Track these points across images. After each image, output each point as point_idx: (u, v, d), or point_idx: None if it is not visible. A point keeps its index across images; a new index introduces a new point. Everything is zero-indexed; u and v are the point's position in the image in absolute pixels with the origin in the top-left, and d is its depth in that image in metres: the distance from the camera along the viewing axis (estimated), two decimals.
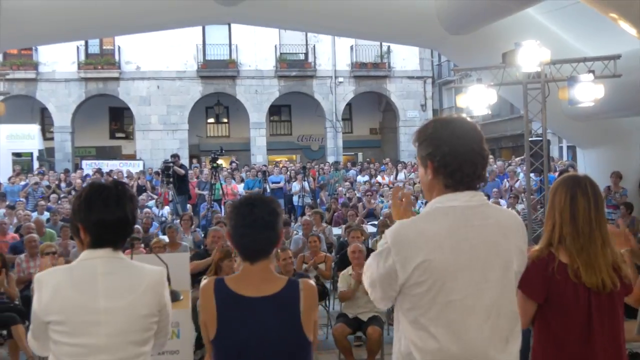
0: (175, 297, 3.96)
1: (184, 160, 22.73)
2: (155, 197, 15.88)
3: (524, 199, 12.16)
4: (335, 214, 13.58)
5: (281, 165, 20.52)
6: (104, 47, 26.94)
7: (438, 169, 2.25)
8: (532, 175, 11.23)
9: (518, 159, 18.44)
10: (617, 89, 9.67)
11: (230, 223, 2.56)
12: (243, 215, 2.52)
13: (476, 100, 9.91)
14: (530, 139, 10.46)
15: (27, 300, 7.42)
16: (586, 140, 12.37)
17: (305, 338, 2.47)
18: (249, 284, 2.51)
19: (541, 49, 8.97)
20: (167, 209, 14.66)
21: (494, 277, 2.21)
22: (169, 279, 4.08)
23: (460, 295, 2.17)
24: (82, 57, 26.29)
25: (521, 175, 15.06)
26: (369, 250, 6.93)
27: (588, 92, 9.23)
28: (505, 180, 15.67)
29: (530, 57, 8.95)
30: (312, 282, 2.63)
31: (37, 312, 2.36)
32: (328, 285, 8.64)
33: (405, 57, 28.13)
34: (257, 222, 2.49)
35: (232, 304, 2.47)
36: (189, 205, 15.44)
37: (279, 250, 6.73)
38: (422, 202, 14.76)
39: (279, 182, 17.98)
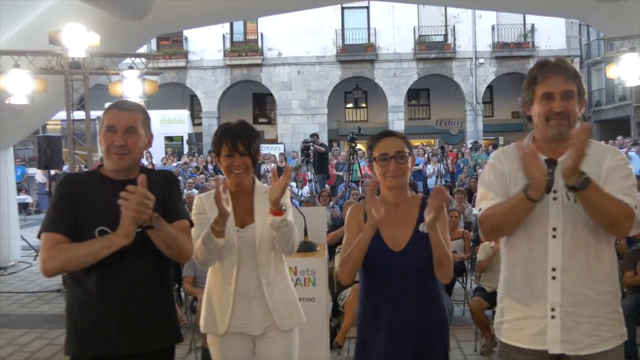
0: (311, 247, 4.08)
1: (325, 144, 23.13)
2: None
3: None
4: (474, 194, 13.26)
5: (419, 149, 20.34)
6: (248, 35, 28.01)
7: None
8: None
9: None
10: None
11: None
12: None
13: (629, 71, 9.23)
14: None
15: (177, 267, 7.89)
16: None
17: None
18: None
19: None
20: (306, 189, 15.03)
21: None
22: (305, 232, 4.24)
23: None
24: (228, 45, 27.51)
25: None
26: None
27: None
28: None
29: None
30: None
31: None
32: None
33: (551, 36, 26.85)
34: None
35: None
36: (327, 186, 15.72)
37: None
38: None
39: (417, 165, 17.80)
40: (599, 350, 2.40)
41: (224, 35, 27.18)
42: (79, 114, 10.02)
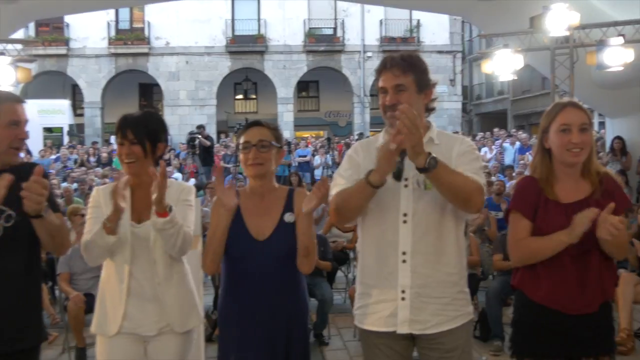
0: None
1: (212, 136, 22.85)
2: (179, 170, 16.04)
3: None
4: None
5: (308, 141, 20.55)
6: (134, 24, 27.14)
7: None
8: None
9: None
10: None
11: None
12: None
13: (502, 66, 9.72)
14: None
15: (51, 263, 7.55)
16: (615, 109, 12.02)
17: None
18: None
19: (570, 12, 8.75)
20: (192, 181, 14.81)
21: None
22: None
23: None
24: (113, 33, 26.54)
25: None
26: None
27: (617, 56, 8.91)
28: (528, 153, 15.52)
29: (559, 21, 8.73)
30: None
31: None
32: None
33: (435, 32, 27.75)
34: None
35: None
36: (213, 178, 15.56)
37: None
38: None
39: (305, 156, 18.03)
40: (445, 329, 2.50)
41: (108, 23, 26.16)
42: None
